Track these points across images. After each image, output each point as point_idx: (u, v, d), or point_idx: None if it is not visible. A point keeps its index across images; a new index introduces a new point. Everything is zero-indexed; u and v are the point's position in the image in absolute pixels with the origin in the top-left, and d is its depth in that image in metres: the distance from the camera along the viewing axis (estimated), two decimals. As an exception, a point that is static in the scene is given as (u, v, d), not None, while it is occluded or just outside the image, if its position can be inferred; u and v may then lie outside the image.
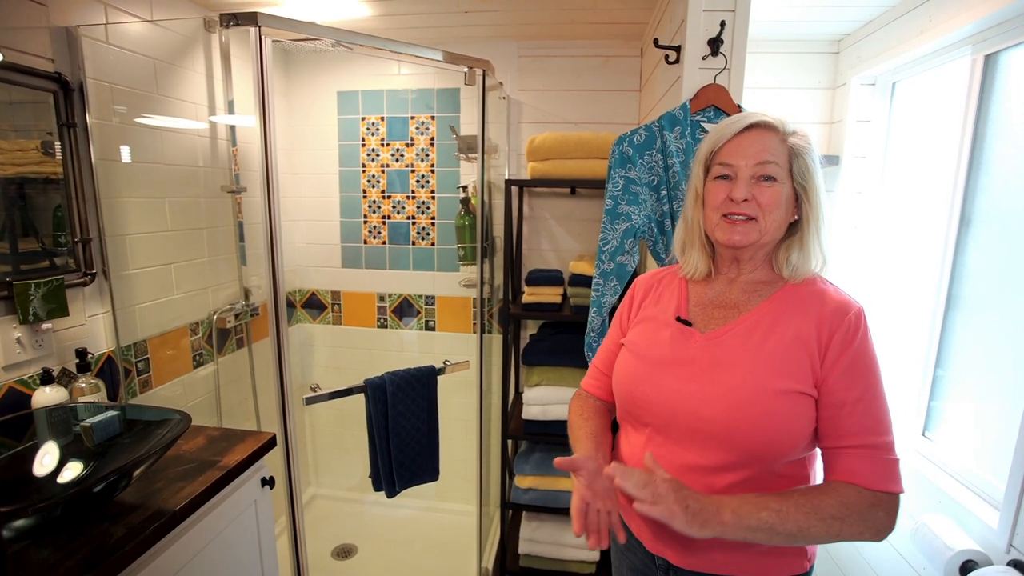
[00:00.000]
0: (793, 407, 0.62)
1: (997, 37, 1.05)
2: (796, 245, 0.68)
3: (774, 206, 0.65)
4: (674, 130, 1.01)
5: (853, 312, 0.64)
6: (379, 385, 1.38)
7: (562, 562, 1.65)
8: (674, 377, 0.68)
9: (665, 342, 0.71)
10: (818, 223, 0.67)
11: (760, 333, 0.65)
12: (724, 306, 0.70)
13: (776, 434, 0.62)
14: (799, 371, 0.63)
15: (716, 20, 0.98)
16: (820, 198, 0.66)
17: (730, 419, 0.63)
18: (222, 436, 1.05)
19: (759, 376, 0.63)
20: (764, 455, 0.63)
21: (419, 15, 1.53)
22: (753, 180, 0.65)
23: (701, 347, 0.68)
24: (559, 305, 1.56)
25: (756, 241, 0.66)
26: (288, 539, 1.23)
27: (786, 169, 0.65)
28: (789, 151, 0.65)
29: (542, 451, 1.66)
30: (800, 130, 0.68)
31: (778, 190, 0.65)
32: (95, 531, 0.75)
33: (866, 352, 0.63)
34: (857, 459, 0.61)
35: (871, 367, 0.63)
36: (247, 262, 1.64)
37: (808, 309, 0.65)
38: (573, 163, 1.52)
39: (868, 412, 0.61)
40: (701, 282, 0.74)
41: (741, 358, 0.65)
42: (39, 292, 1.02)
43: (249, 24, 1.00)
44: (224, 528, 0.94)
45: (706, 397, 0.65)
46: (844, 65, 1.58)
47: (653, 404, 0.69)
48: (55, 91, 1.06)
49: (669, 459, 0.67)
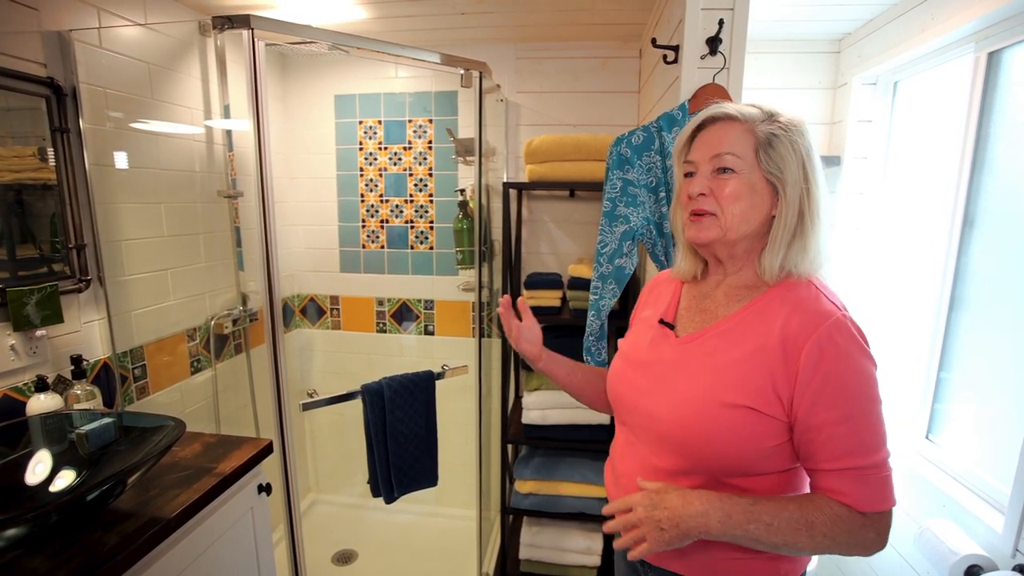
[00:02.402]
0: (741, 423, 0.58)
1: (1000, 35, 1.04)
2: (768, 244, 0.62)
3: (732, 199, 0.61)
4: (672, 131, 1.00)
5: (828, 323, 0.57)
6: (376, 390, 1.37)
7: (563, 567, 1.63)
8: (645, 378, 0.68)
9: (646, 344, 0.70)
10: (795, 218, 0.60)
11: (727, 342, 0.62)
12: (704, 310, 0.68)
13: (723, 447, 0.59)
14: (754, 387, 0.58)
15: (714, 18, 0.97)
16: (800, 191, 0.60)
17: (679, 426, 0.61)
18: (218, 443, 1.04)
19: (710, 387, 0.60)
20: (713, 467, 0.60)
21: (415, 17, 1.52)
22: (712, 174, 0.62)
23: (672, 350, 0.67)
24: (558, 308, 1.55)
25: (719, 238, 0.63)
26: (287, 546, 1.22)
27: (751, 159, 0.61)
28: (756, 140, 0.61)
29: (542, 456, 1.65)
30: (785, 118, 0.62)
31: (737, 182, 0.61)
32: (88, 539, 0.74)
33: (846, 369, 0.56)
34: (841, 480, 0.57)
35: (853, 385, 0.56)
36: (244, 267, 1.63)
37: (776, 319, 0.60)
38: (571, 165, 1.51)
39: (849, 435, 0.56)
40: (693, 284, 0.72)
41: (700, 366, 0.63)
42: (33, 299, 1.02)
43: (242, 27, 0.99)
44: (220, 536, 0.93)
45: (663, 401, 0.64)
46: (845, 65, 1.57)
47: (626, 404, 0.70)
48: (47, 96, 1.05)
49: (639, 459, 0.68)
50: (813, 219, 0.61)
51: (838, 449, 0.56)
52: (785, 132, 0.61)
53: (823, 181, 0.62)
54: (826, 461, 0.57)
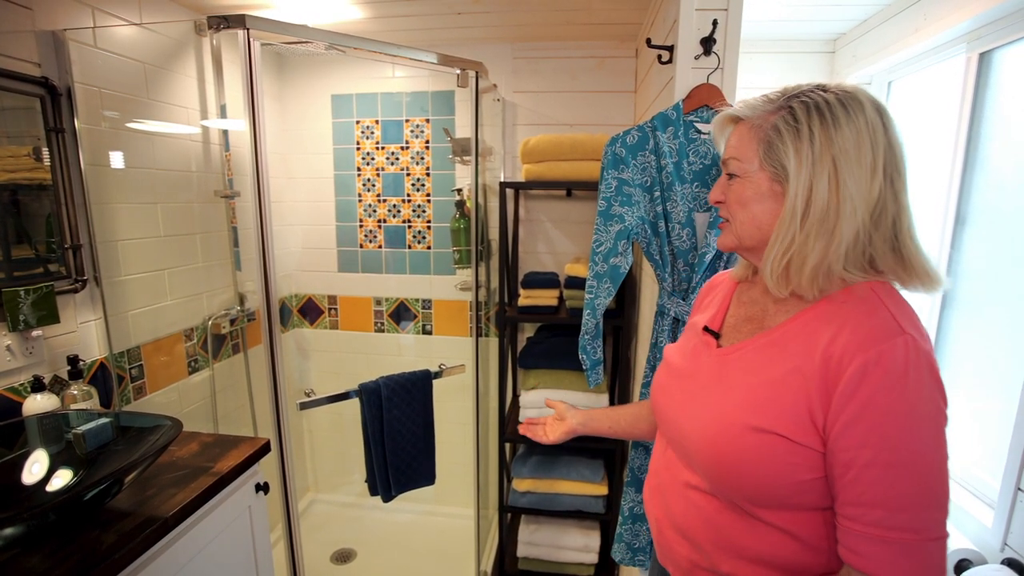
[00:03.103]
0: (770, 450, 0.51)
1: (991, 35, 1.05)
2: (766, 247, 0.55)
3: (738, 205, 0.58)
4: (667, 130, 1.00)
5: (884, 345, 0.46)
6: (373, 389, 1.37)
7: (560, 564, 1.64)
8: (680, 391, 0.64)
9: (688, 353, 0.66)
10: (797, 217, 0.51)
11: (766, 357, 0.55)
12: (752, 319, 0.61)
13: (751, 476, 0.53)
14: (786, 411, 0.51)
15: (708, 19, 0.97)
16: (807, 180, 0.51)
17: (706, 447, 0.57)
18: (215, 442, 1.04)
19: (740, 407, 0.55)
20: (741, 495, 0.55)
21: (412, 17, 1.52)
22: (727, 180, 0.60)
23: (711, 362, 0.61)
24: (555, 308, 1.55)
25: (736, 246, 0.60)
26: (285, 545, 1.23)
27: (756, 161, 0.56)
28: (759, 137, 0.55)
29: (539, 454, 1.66)
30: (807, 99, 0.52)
31: (741, 186, 0.57)
32: (86, 538, 0.74)
33: (894, 402, 0.46)
34: (866, 540, 0.47)
35: (899, 424, 0.45)
36: (242, 267, 1.63)
37: (823, 335, 0.51)
38: (568, 165, 1.51)
39: (882, 482, 0.46)
40: (746, 287, 0.66)
41: (735, 382, 0.57)
42: (28, 299, 1.02)
43: (238, 27, 0.99)
44: (218, 534, 0.93)
45: (695, 418, 0.59)
46: (840, 64, 1.58)
47: (662, 415, 0.66)
48: (42, 96, 1.05)
49: (672, 472, 0.64)
50: (828, 214, 0.50)
51: (863, 495, 0.47)
52: (794, 120, 0.52)
53: (871, 163, 0.50)
54: (848, 506, 0.48)
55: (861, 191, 0.50)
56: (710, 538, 0.58)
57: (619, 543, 1.15)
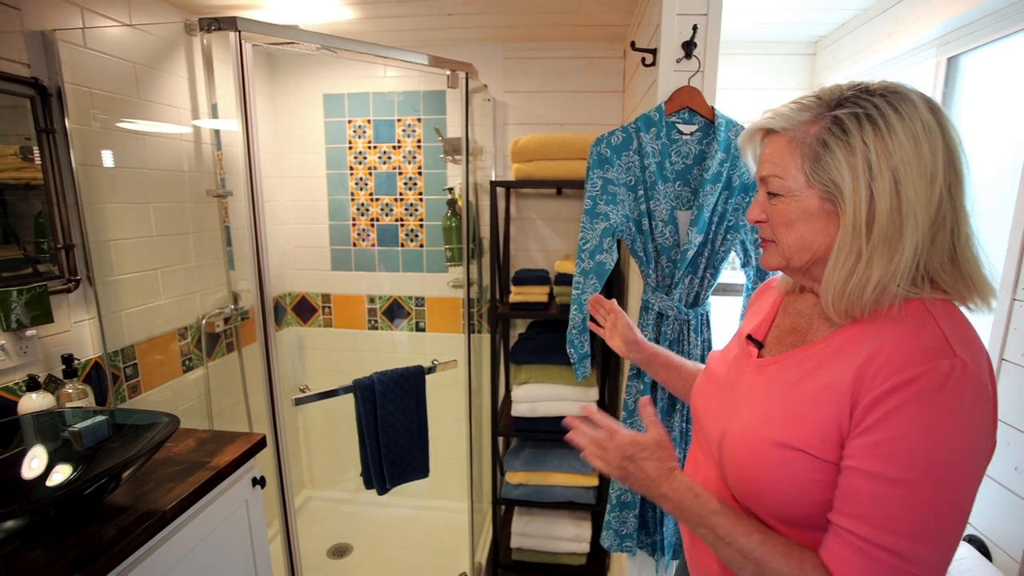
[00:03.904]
0: (793, 467, 0.49)
1: (958, 41, 1.10)
2: (827, 271, 0.51)
3: (784, 227, 0.53)
4: (650, 131, 1.04)
5: (926, 366, 0.43)
6: (367, 385, 1.39)
7: (554, 554, 1.68)
8: (717, 398, 0.63)
9: (730, 360, 0.64)
10: (859, 237, 0.47)
11: (802, 372, 0.52)
12: (795, 331, 0.59)
13: (773, 491, 0.51)
14: (813, 428, 0.49)
15: (689, 24, 1.01)
16: (864, 198, 0.47)
17: (732, 459, 0.56)
18: (212, 438, 1.06)
19: (768, 422, 0.53)
20: (765, 510, 0.54)
21: (403, 18, 1.54)
22: (766, 198, 0.55)
23: (749, 373, 0.59)
24: (546, 304, 1.58)
25: (783, 266, 0.56)
26: (282, 539, 1.25)
27: (800, 178, 0.51)
28: (803, 152, 0.50)
29: (532, 447, 1.69)
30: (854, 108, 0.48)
31: (785, 206, 0.53)
32: (86, 532, 0.76)
33: (922, 417, 0.42)
34: (843, 546, 0.45)
35: (920, 443, 0.42)
36: (235, 266, 1.64)
37: (862, 351, 0.47)
38: (557, 164, 1.54)
39: (882, 501, 0.43)
40: (793, 298, 0.62)
41: (768, 396, 0.55)
42: (22, 299, 1.03)
43: (229, 29, 1.01)
44: (216, 527, 0.95)
45: (727, 427, 0.58)
46: (821, 66, 1.62)
47: (698, 419, 0.66)
48: (32, 96, 1.05)
49: (703, 476, 0.63)
50: (891, 232, 0.46)
51: (857, 508, 0.44)
52: (843, 131, 0.48)
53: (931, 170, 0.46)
54: (839, 515, 0.46)
55: (922, 202, 0.46)
56: None
57: (607, 530, 1.19)
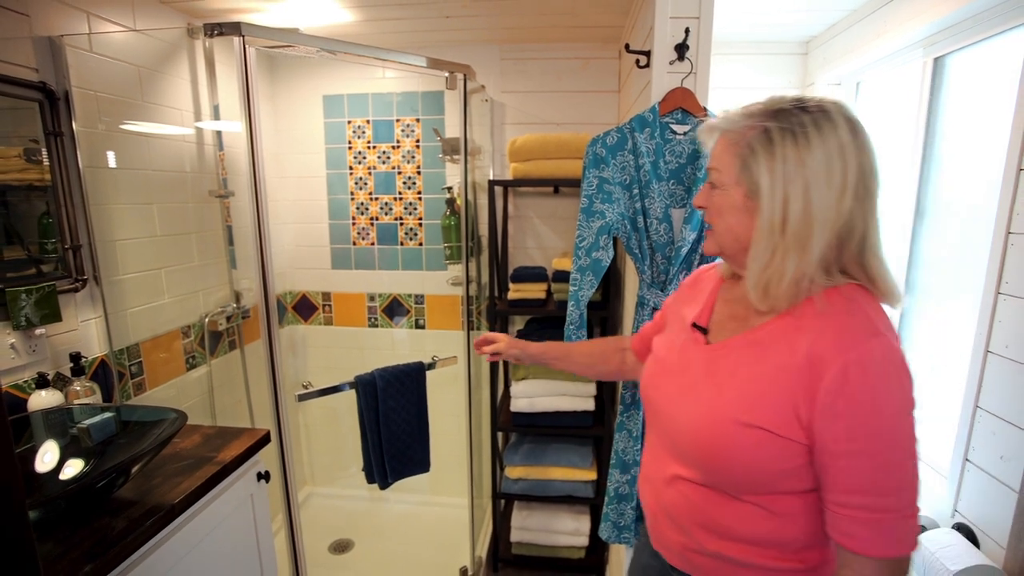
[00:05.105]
0: (756, 443, 0.55)
1: (944, 41, 1.12)
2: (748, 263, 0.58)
3: (717, 215, 0.61)
4: (644, 131, 1.06)
5: (863, 347, 0.51)
6: (369, 381, 1.42)
7: (553, 548, 1.71)
8: (672, 385, 0.66)
9: (677, 348, 0.68)
10: (773, 234, 0.55)
11: (752, 355, 0.58)
12: (736, 316, 0.64)
13: (738, 466, 0.57)
14: (773, 408, 0.55)
15: (681, 27, 1.03)
16: (780, 199, 0.54)
17: (696, 440, 0.60)
18: (217, 434, 1.08)
19: (729, 403, 0.58)
20: (729, 483, 0.59)
21: (402, 20, 1.56)
22: (709, 188, 0.62)
23: (700, 358, 0.64)
24: (544, 301, 1.61)
25: (719, 251, 0.63)
26: (285, 534, 1.27)
27: (734, 174, 0.58)
28: (737, 151, 0.57)
29: (531, 442, 1.72)
30: (779, 118, 0.54)
31: (720, 197, 0.60)
32: (97, 524, 0.78)
33: (873, 402, 0.50)
34: (852, 523, 0.53)
35: (877, 422, 0.51)
36: (237, 265, 1.66)
37: (806, 335, 0.54)
38: (554, 163, 1.57)
39: (865, 471, 0.51)
40: (731, 284, 0.67)
41: (724, 379, 0.60)
42: (31, 299, 1.05)
43: (233, 34, 1.03)
44: (222, 521, 0.97)
45: (685, 412, 0.62)
46: (812, 66, 1.65)
47: (653, 408, 0.69)
48: (40, 100, 1.07)
49: (660, 464, 0.67)
50: (801, 232, 0.53)
51: (851, 483, 0.52)
52: (769, 141, 0.54)
53: (841, 184, 0.53)
54: (838, 494, 0.53)
55: (830, 211, 0.53)
56: (697, 523, 0.62)
57: (606, 522, 1.21)
